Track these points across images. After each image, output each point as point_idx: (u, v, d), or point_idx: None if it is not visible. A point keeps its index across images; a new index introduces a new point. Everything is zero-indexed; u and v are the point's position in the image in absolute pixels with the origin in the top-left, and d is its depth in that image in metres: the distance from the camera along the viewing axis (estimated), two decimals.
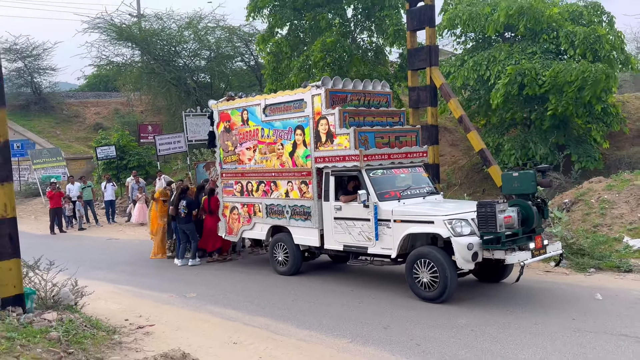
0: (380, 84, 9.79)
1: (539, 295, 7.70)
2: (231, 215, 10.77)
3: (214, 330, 6.94)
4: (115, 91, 35.53)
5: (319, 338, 6.43)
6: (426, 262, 7.43)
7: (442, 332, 6.42)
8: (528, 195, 7.50)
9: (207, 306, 8.06)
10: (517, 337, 6.11)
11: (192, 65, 25.67)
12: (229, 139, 10.68)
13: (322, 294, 8.44)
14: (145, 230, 16.57)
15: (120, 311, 7.92)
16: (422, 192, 8.76)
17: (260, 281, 9.51)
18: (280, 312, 7.56)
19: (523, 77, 13.50)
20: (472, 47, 16.52)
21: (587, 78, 12.72)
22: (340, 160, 8.57)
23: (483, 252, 7.16)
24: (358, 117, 8.87)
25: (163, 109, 27.55)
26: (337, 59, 17.23)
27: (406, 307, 7.46)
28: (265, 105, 9.86)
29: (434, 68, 12.59)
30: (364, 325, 6.79)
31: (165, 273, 10.69)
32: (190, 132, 18.48)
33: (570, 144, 14.31)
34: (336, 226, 8.71)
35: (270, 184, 9.86)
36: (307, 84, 9.31)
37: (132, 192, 19.02)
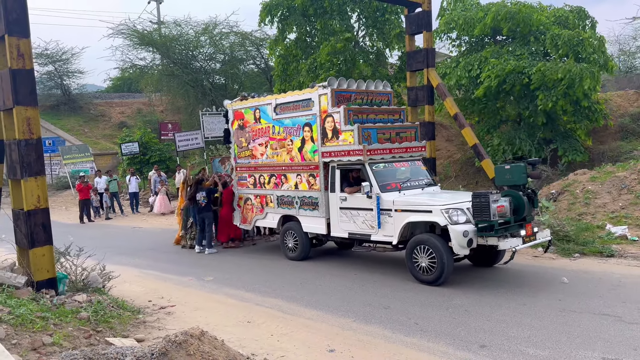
0: (382, 84, 9.78)
1: (527, 278, 7.69)
2: (245, 205, 10.84)
3: (229, 310, 6.98)
4: (138, 92, 35.58)
5: (325, 317, 6.46)
6: (425, 248, 7.48)
7: (438, 312, 6.43)
8: (519, 186, 7.48)
9: (223, 289, 8.10)
10: (508, 316, 6.11)
11: (208, 68, 25.65)
12: (243, 136, 10.72)
13: (328, 277, 8.46)
14: (167, 219, 16.69)
15: (144, 293, 7.98)
16: (421, 184, 8.79)
17: (271, 266, 9.54)
18: (290, 294, 7.59)
19: (507, 75, 13.45)
20: (466, 50, 16.42)
21: (574, 76, 12.63)
22: (345, 154, 8.62)
23: (477, 239, 7.20)
24: (361, 115, 8.90)
25: (182, 109, 27.57)
26: (343, 61, 17.19)
27: (405, 290, 7.47)
28: (276, 105, 9.89)
29: (431, 69, 12.54)
30: (366, 306, 6.80)
31: (184, 259, 10.74)
32: (207, 130, 18.44)
33: (557, 139, 14.23)
34: (342, 215, 8.77)
35: (281, 177, 9.92)
36: (314, 84, 9.36)
37: (154, 185, 19.13)
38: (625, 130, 15.46)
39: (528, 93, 13.71)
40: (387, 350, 5.35)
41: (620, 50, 22.86)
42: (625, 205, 10.29)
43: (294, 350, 5.46)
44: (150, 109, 33.01)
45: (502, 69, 13.44)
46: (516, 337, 5.47)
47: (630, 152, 14.33)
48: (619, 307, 6.19)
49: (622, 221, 9.90)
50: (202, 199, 10.90)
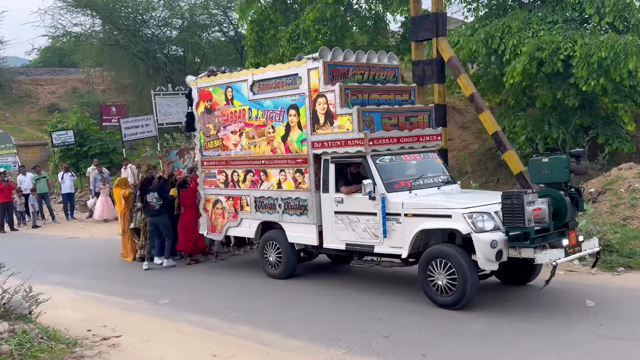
0: (387, 55, 9.68)
1: (560, 298, 7.77)
2: (214, 210, 10.61)
3: (190, 341, 6.95)
4: (73, 67, 35.25)
5: (311, 349, 6.45)
6: (443, 263, 7.33)
7: (450, 339, 6.47)
8: (560, 184, 7.41)
9: (182, 314, 8.07)
10: (536, 345, 6.16)
11: (162, 37, 25.54)
12: (211, 121, 10.54)
13: (314, 298, 8.46)
14: (110, 228, 16.56)
15: (82, 320, 7.91)
16: (437, 182, 8.68)
17: (242, 285, 9.52)
18: (266, 319, 7.58)
19: (541, 52, 13.50)
20: (484, 15, 16.51)
21: (619, 52, 12.75)
22: (342, 145, 8.47)
23: (508, 251, 7.09)
24: (362, 95, 8.75)
25: (129, 88, 27.42)
26: (332, 29, 17.17)
27: (409, 312, 7.51)
28: (253, 82, 9.69)
29: (441, 39, 12.57)
30: (361, 334, 6.81)
31: (133, 277, 10.67)
32: (161, 114, 18.35)
33: (597, 125, 14.38)
34: (337, 221, 8.61)
35: (260, 174, 9.74)
36: (301, 56, 9.16)
37: (94, 184, 18.93)
38: None
39: (563, 72, 13.83)
40: None
41: None
42: None
43: None
44: (88, 88, 32.73)
45: (539, 48, 13.44)
46: None
47: None
48: None
49: None
50: (154, 200, 10.84)
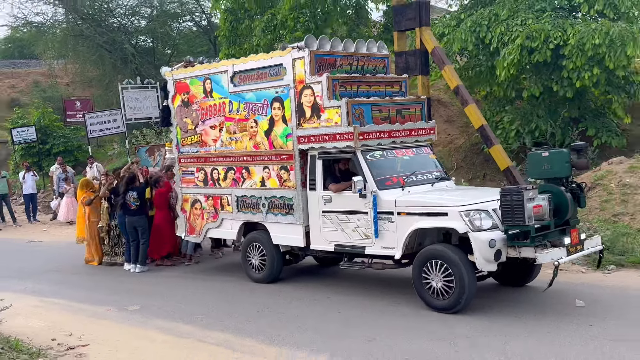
0: (377, 45, 9.60)
1: (550, 298, 7.82)
2: (192, 210, 10.43)
3: (161, 349, 6.91)
4: (34, 59, 34.81)
5: (291, 356, 6.45)
6: (438, 264, 7.29)
7: (436, 344, 6.50)
8: (560, 179, 7.42)
9: (154, 320, 8.02)
10: (526, 349, 6.22)
11: (129, 26, 25.31)
12: (188, 116, 10.36)
13: (294, 302, 8.46)
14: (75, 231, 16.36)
15: (46, 329, 7.83)
16: (431, 178, 8.62)
17: (218, 289, 9.50)
18: (244, 325, 7.56)
19: (532, 41, 13.61)
20: (470, 4, 16.61)
21: (614, 40, 12.89)
22: (330, 139, 8.34)
23: (507, 250, 7.08)
24: (351, 86, 8.66)
25: (94, 81, 27.10)
26: (312, 17, 17.15)
27: (394, 315, 7.55)
28: (234, 73, 9.53)
29: (425, 29, 12.61)
30: (344, 339, 6.83)
31: (101, 282, 10.60)
32: (129, 109, 18.18)
33: (587, 118, 14.55)
34: (325, 221, 8.52)
35: (242, 171, 9.60)
36: (286, 45, 9.05)
37: (57, 184, 18.74)
38: None
39: (552, 61, 13.96)
40: None
41: None
42: None
43: None
44: (51, 81, 32.33)
45: (529, 36, 13.55)
46: None
47: None
48: None
49: None
50: (132, 200, 10.71)
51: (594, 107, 14.73)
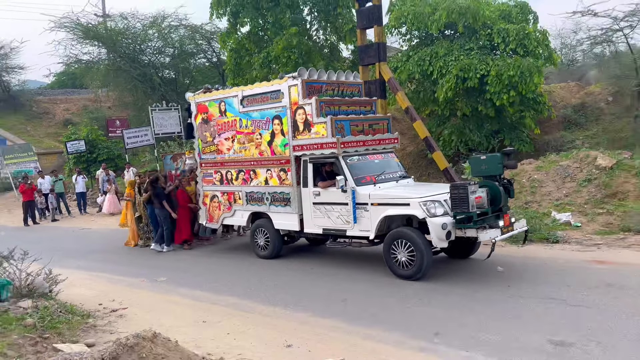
0: (352, 74, 9.57)
1: (478, 267, 7.93)
2: (211, 203, 10.39)
3: (184, 310, 6.87)
4: (84, 88, 34.27)
5: (283, 313, 6.46)
6: (403, 242, 7.35)
7: (393, 302, 6.55)
8: (495, 176, 7.41)
9: (177, 289, 7.96)
10: (461, 304, 6.29)
11: (156, 62, 24.99)
12: (208, 130, 10.31)
13: (285, 273, 8.44)
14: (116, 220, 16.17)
15: (94, 296, 7.73)
16: (395, 177, 8.63)
17: (226, 265, 9.43)
18: (246, 291, 7.53)
19: (465, 72, 13.76)
20: (416, 44, 16.69)
21: (525, 71, 13.09)
22: (318, 147, 8.37)
23: (456, 231, 7.13)
24: (333, 107, 8.67)
25: (130, 104, 26.77)
26: (298, 55, 17.14)
27: (362, 282, 7.57)
28: (243, 97, 9.54)
29: (383, 63, 12.66)
30: (323, 300, 6.84)
31: (136, 260, 10.48)
32: (157, 126, 18.01)
33: (504, 130, 14.71)
34: (315, 211, 8.54)
35: (250, 173, 9.57)
36: (283, 75, 9.01)
37: (102, 184, 18.55)
38: (568, 121, 16.15)
39: (478, 87, 14.09)
40: (344, 343, 5.41)
41: (562, 44, 23.85)
42: (569, 193, 10.77)
43: (251, 348, 5.43)
44: (96, 105, 31.91)
45: (462, 69, 13.70)
46: (468, 324, 5.64)
47: (573, 142, 14.99)
48: (564, 291, 6.47)
49: (566, 208, 10.36)
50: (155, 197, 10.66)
51: (510, 122, 14.87)
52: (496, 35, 14.23)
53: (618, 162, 10.88)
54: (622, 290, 6.35)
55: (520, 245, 8.46)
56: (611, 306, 5.85)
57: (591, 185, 10.68)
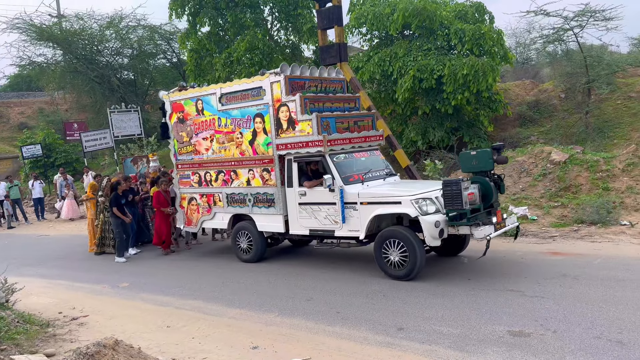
0: (335, 70, 9.27)
1: (440, 261, 8.07)
2: (189, 206, 9.97)
3: (147, 316, 6.74)
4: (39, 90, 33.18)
5: (248, 315, 6.42)
6: (396, 242, 7.10)
7: (358, 299, 6.60)
8: (485, 172, 7.25)
9: (140, 294, 7.81)
10: (423, 298, 6.40)
11: (115, 63, 24.38)
12: (184, 130, 9.86)
13: (250, 275, 8.38)
14: (75, 226, 15.76)
15: (53, 305, 7.50)
16: (382, 174, 8.36)
17: (190, 268, 9.30)
18: (211, 294, 7.45)
19: (422, 72, 13.99)
20: (376, 44, 16.85)
21: (478, 70, 13.38)
22: (304, 146, 8.04)
23: (448, 229, 6.94)
24: (318, 103, 8.33)
25: (88, 107, 26.01)
26: (260, 56, 17.05)
27: (327, 280, 7.59)
28: (221, 94, 9.11)
29: (344, 63, 12.75)
30: (289, 300, 6.84)
31: (97, 266, 10.21)
32: (116, 128, 17.58)
33: (463, 128, 15.03)
34: (301, 211, 8.20)
35: (230, 173, 9.18)
36: (264, 71, 8.61)
37: (60, 189, 17.97)
38: (523, 118, 16.62)
39: (436, 87, 14.34)
40: (310, 342, 5.42)
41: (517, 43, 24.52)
42: (525, 187, 11.10)
43: (217, 351, 5.38)
44: (53, 108, 30.90)
45: (419, 69, 13.92)
46: (431, 318, 5.75)
47: (528, 138, 15.45)
48: (522, 283, 6.67)
49: (523, 202, 10.67)
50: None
51: (468, 120, 15.20)
52: (453, 36, 14.51)
53: (571, 156, 11.28)
54: (576, 280, 6.60)
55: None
56: (566, 296, 6.07)
57: (546, 179, 11.04)
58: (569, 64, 15.93)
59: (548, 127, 15.93)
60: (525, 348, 4.83)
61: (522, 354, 4.72)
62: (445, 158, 13.83)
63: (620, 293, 6.00)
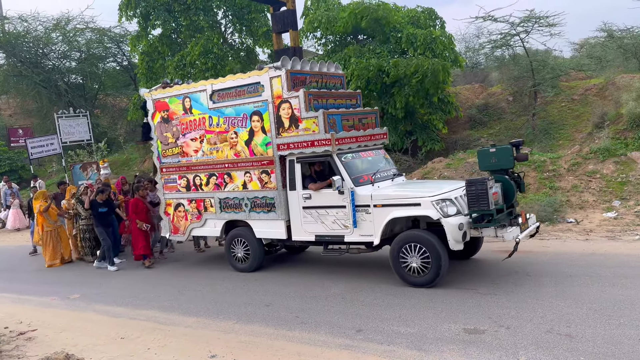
0: (334, 65, 8.74)
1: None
2: (176, 213, 9.24)
3: (99, 328, 6.50)
4: None
5: (206, 323, 6.30)
6: (416, 247, 6.62)
7: (318, 302, 6.60)
8: (505, 170, 6.94)
9: (92, 305, 7.53)
10: (381, 299, 6.45)
11: (62, 67, 23.48)
12: (169, 130, 9.13)
13: (208, 281, 8.23)
14: (22, 236, 15.03)
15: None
16: (389, 175, 7.83)
17: (144, 277, 9.05)
18: (167, 303, 7.27)
19: (368, 71, 14.12)
20: (331, 49, 16.96)
21: (427, 70, 13.64)
22: (309, 145, 7.46)
23: (471, 232, 6.60)
24: (321, 100, 7.79)
25: (33, 112, 24.95)
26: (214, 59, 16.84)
27: (286, 284, 7.55)
28: (213, 91, 8.43)
29: None
30: (248, 306, 6.75)
31: (45, 277, 9.80)
32: (64, 134, 16.95)
33: (417, 130, 15.32)
34: (306, 216, 7.63)
35: (224, 176, 8.52)
36: (262, 65, 8.04)
37: (5, 198, 17.11)
38: (473, 120, 17.11)
39: (388, 90, 14.56)
40: (269, 348, 5.37)
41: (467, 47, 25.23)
42: None
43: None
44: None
45: (365, 68, 14.08)
46: (389, 319, 5.80)
47: (478, 140, 15.90)
48: (476, 281, 6.84)
49: None
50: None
51: (421, 123, 15.50)
52: (405, 40, 14.79)
53: None
54: (527, 277, 6.82)
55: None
56: (517, 292, 6.26)
57: None
58: (515, 68, 16.52)
59: (497, 129, 16.46)
60: (480, 345, 4.94)
61: (478, 350, 4.83)
62: (400, 161, 14.05)
63: (568, 288, 6.25)
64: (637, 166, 10.98)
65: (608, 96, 15.19)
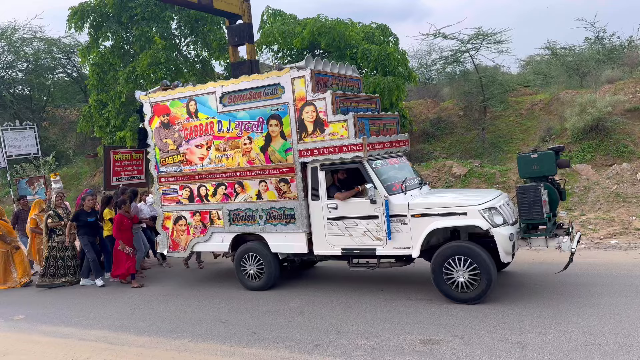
0: (351, 68, 8.30)
1: (353, 274, 8.18)
2: (176, 226, 8.45)
3: (46, 350, 6.20)
4: None
5: (159, 342, 6.10)
6: (462, 260, 6.19)
7: (275, 317, 6.53)
8: (547, 177, 6.62)
9: (38, 326, 7.17)
10: (338, 312, 6.46)
11: (7, 78, 22.60)
12: (169, 136, 8.39)
13: (161, 299, 8.01)
14: None
15: None
16: (416, 183, 7.39)
17: (94, 295, 8.70)
18: (118, 322, 7.01)
19: None
20: (287, 62, 17.03)
21: (383, 89, 13.94)
22: (336, 151, 6.92)
23: (519, 243, 6.32)
24: (346, 103, 7.29)
25: None
26: (166, 71, 16.55)
27: (242, 299, 7.44)
28: (223, 93, 7.77)
29: None
30: (203, 323, 6.60)
31: None
32: (9, 147, 16.16)
33: None
34: (331, 227, 7.07)
35: (234, 186, 7.83)
36: (282, 66, 7.41)
37: None
38: (427, 134, 17.54)
39: None
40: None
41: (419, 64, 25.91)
42: None
43: None
44: None
45: None
46: (347, 332, 5.80)
47: (432, 153, 16.30)
48: (430, 292, 6.91)
49: None
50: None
51: None
52: (360, 55, 15.04)
53: (470, 169, 12.04)
54: None
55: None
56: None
57: None
58: (466, 83, 17.08)
59: (449, 143, 16.92)
60: (436, 355, 5.01)
61: None
62: None
63: (519, 297, 6.44)
64: (581, 178, 11.51)
65: (553, 111, 15.92)
